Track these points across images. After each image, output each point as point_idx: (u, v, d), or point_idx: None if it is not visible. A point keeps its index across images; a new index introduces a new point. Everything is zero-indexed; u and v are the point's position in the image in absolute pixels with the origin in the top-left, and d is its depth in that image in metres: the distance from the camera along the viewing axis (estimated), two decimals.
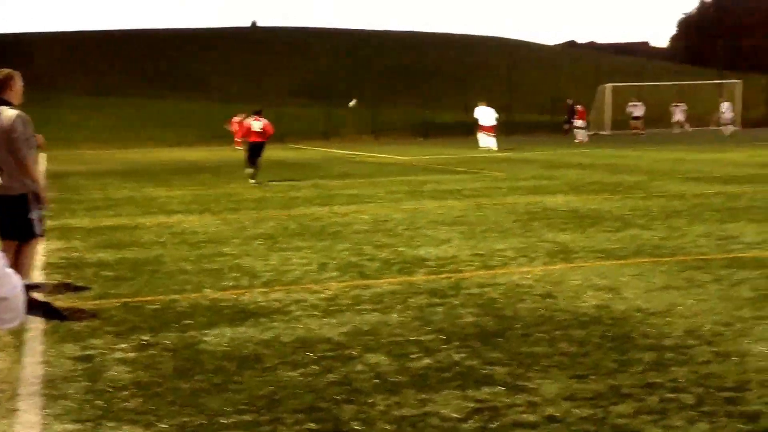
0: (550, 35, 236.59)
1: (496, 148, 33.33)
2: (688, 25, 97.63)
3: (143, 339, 6.07)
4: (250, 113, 21.07)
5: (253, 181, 19.43)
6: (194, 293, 7.60)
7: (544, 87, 55.65)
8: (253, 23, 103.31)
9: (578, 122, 39.99)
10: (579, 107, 40.69)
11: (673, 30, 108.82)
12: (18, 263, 6.90)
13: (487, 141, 34.14)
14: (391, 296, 7.26)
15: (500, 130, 35.23)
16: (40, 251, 9.25)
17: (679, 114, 46.71)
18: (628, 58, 71.55)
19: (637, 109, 45.90)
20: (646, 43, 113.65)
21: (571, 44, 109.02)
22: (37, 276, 8.38)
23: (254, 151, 19.90)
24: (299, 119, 49.44)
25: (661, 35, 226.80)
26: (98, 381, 5.15)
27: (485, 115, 34.46)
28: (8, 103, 6.95)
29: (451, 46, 77.90)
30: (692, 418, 4.27)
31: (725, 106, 46.30)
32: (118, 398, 4.83)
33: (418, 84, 53.72)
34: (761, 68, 56.77)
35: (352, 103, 45.33)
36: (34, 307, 2.34)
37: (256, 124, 20.00)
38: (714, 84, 52.51)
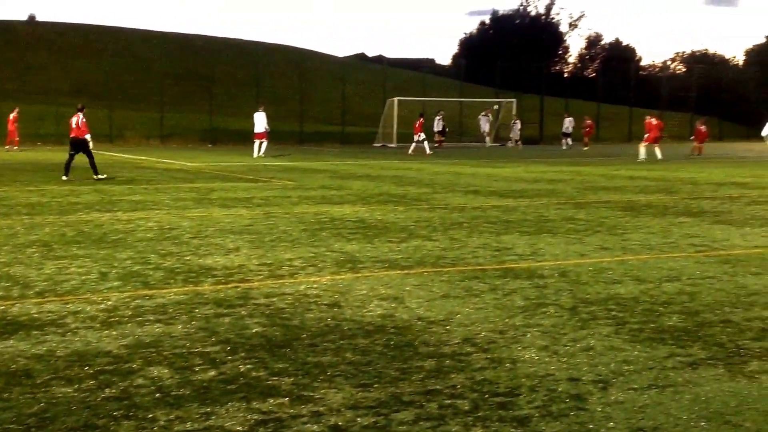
0: (339, 46, 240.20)
1: (257, 155, 33.56)
2: (468, 45, 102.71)
3: None
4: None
5: (65, 177, 20.65)
6: None
7: (334, 98, 56.45)
8: (31, 17, 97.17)
9: (416, 135, 39.88)
10: (419, 121, 40.33)
11: (455, 48, 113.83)
12: None
13: (257, 148, 34.27)
14: (176, 307, 7.07)
15: (293, 139, 35.22)
16: None
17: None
18: (415, 74, 73.88)
19: (438, 123, 47.64)
20: (432, 60, 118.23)
21: (361, 57, 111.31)
22: None
23: (72, 146, 21.22)
24: None
25: (445, 53, 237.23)
26: None
27: (257, 121, 34.48)
28: None
29: (243, 53, 77.19)
30: (468, 423, 4.48)
31: (517, 126, 50.23)
32: None
33: (208, 89, 52.76)
34: (534, 89, 60.69)
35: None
36: None
37: (73, 120, 21.25)
38: (492, 102, 55.63)
